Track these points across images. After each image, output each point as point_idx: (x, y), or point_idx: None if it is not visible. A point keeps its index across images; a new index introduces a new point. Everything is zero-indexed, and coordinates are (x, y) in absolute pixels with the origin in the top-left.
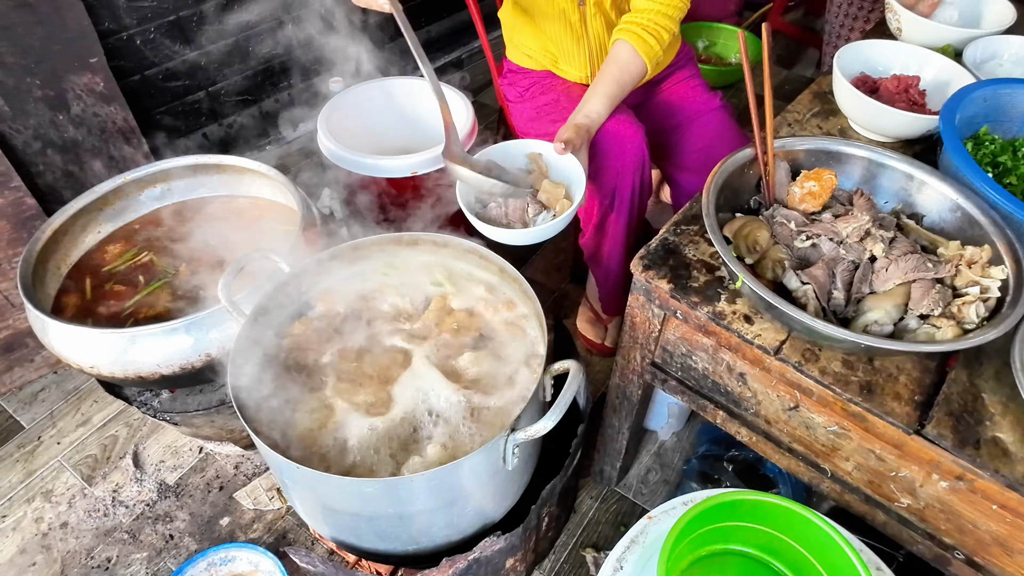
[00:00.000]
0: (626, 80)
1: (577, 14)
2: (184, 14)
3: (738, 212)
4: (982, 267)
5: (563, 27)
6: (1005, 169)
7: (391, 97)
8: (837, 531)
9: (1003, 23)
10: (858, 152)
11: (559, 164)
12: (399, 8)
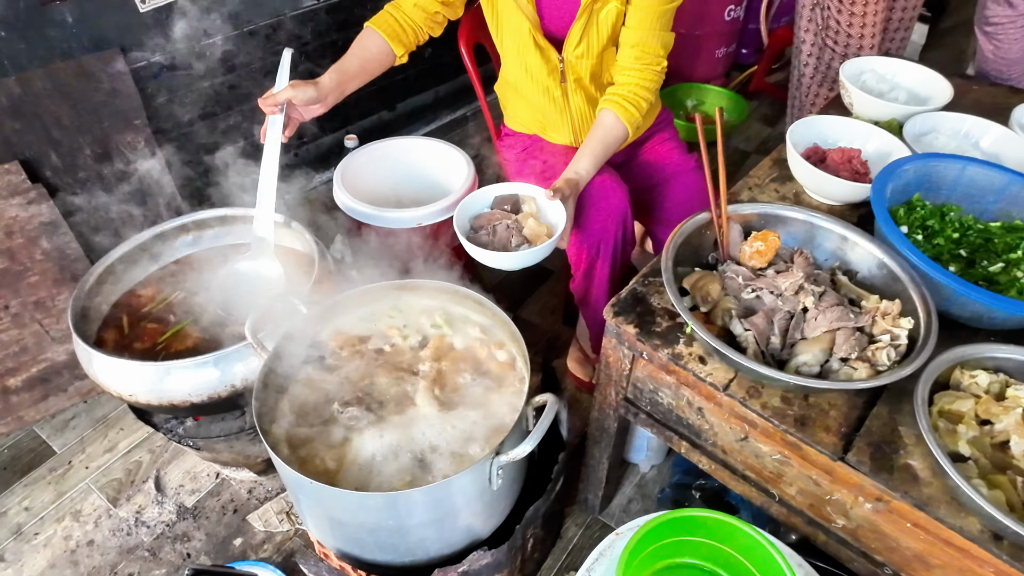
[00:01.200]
0: (610, 142)
1: (559, 90)
2: (216, 80)
3: (698, 267)
4: (893, 318)
5: (548, 101)
6: (934, 231)
7: (401, 154)
8: (769, 540)
9: (942, 100)
10: (799, 216)
11: (547, 208)
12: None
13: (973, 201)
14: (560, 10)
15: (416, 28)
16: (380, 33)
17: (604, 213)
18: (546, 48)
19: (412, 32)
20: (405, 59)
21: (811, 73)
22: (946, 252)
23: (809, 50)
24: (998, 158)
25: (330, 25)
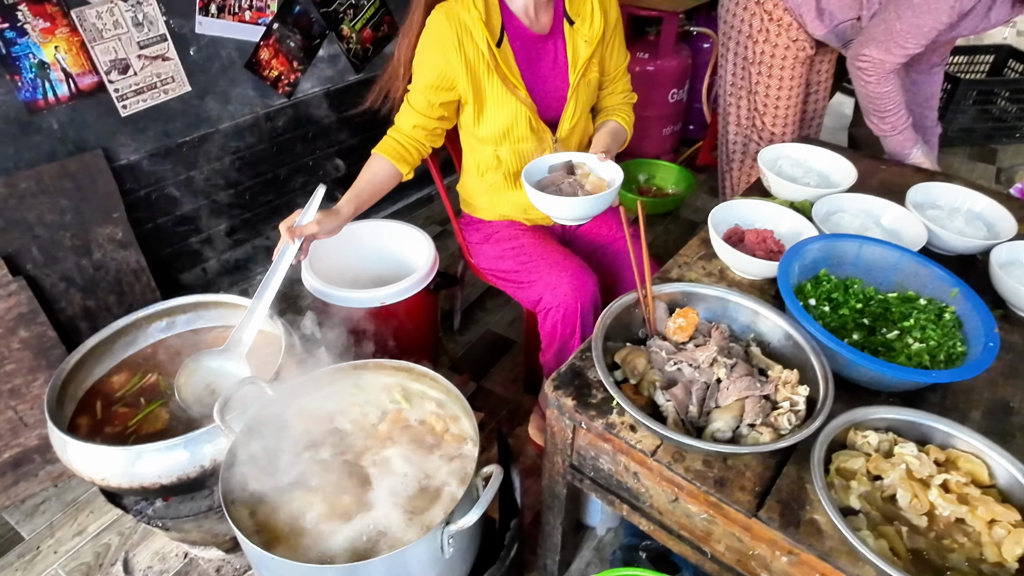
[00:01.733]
0: (619, 139)
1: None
2: (193, 173)
3: (629, 342)
4: (792, 386)
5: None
6: (839, 302)
7: (367, 236)
8: None
9: (848, 182)
10: (715, 293)
11: (601, 168)
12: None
13: (873, 274)
14: (550, 96)
15: (419, 145)
16: (387, 158)
17: (578, 301)
18: (542, 131)
19: (416, 151)
20: (411, 176)
21: (739, 157)
22: (851, 321)
23: (734, 138)
24: (897, 234)
25: (299, 119)
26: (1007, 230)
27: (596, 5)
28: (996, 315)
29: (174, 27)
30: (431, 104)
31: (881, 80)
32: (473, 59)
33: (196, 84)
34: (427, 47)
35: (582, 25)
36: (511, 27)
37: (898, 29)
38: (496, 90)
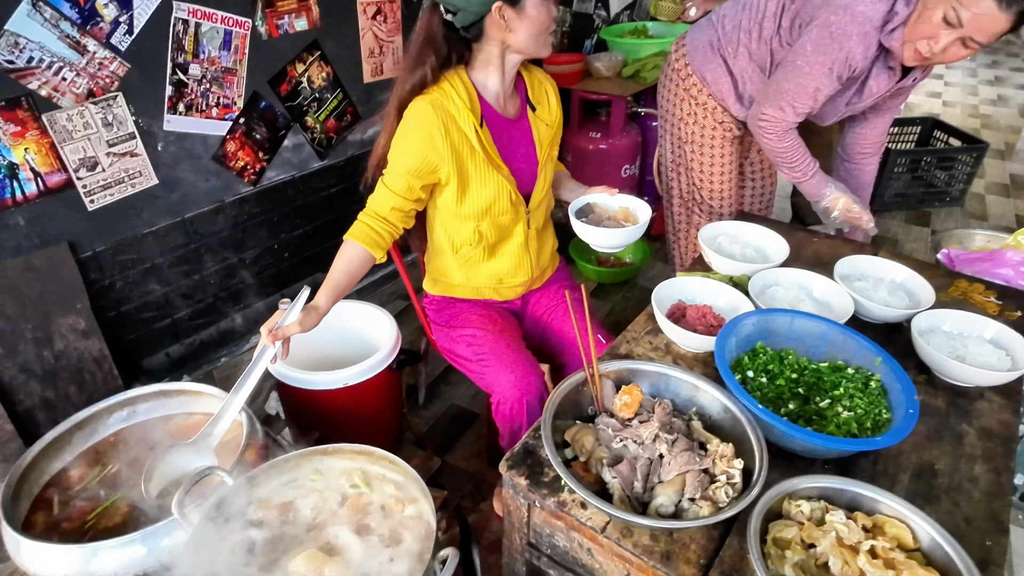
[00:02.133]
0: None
1: (524, 235)
2: (159, 261)
3: (579, 419)
4: (728, 460)
5: (513, 250)
6: (775, 373)
7: (332, 316)
8: None
9: (781, 257)
10: (657, 369)
11: (618, 201)
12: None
13: (805, 345)
14: (524, 172)
15: (392, 228)
16: (360, 244)
17: (526, 394)
18: (519, 203)
19: (388, 234)
20: (384, 259)
21: (684, 228)
22: (787, 391)
23: (678, 211)
24: (828, 305)
25: (264, 205)
26: (927, 299)
27: (551, 94)
28: (921, 379)
29: (143, 125)
30: (411, 187)
31: (781, 136)
32: (458, 144)
33: (163, 177)
34: (412, 134)
35: (543, 111)
36: (488, 113)
37: (787, 89)
38: (480, 170)
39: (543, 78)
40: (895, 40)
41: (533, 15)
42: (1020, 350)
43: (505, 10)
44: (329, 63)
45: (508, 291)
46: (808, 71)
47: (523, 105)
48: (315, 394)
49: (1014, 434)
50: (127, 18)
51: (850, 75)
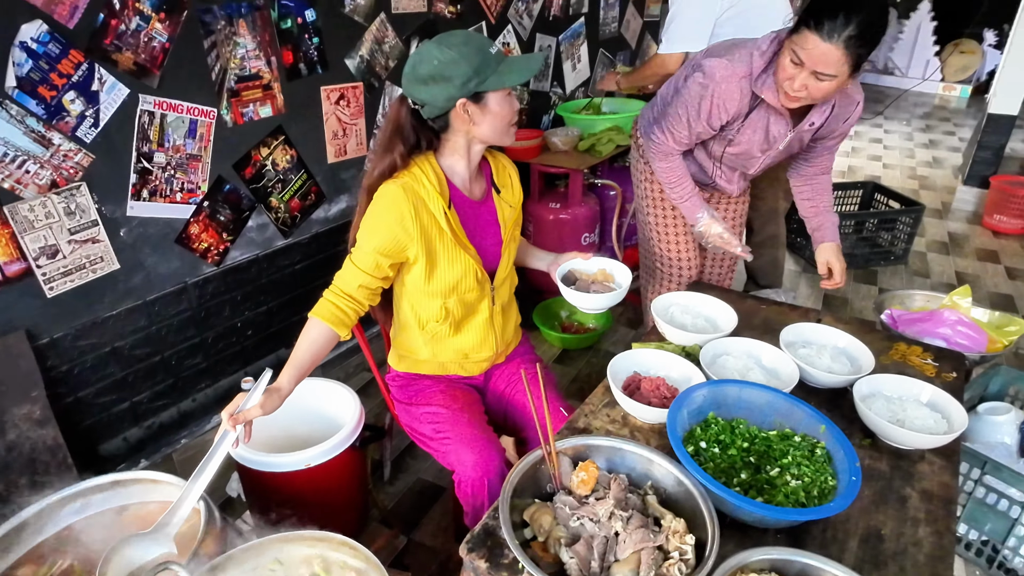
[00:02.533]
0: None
1: (489, 312)
2: (118, 344)
3: (538, 497)
4: (680, 536)
5: (478, 326)
6: (727, 443)
7: (299, 394)
8: None
9: (730, 326)
10: (612, 444)
11: (594, 264)
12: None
13: (754, 414)
14: (489, 251)
15: (358, 306)
16: (325, 322)
17: (486, 473)
18: (484, 280)
19: (354, 311)
20: (349, 336)
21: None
22: (739, 460)
23: (645, 275)
24: (776, 372)
25: (228, 284)
26: (867, 364)
27: (514, 177)
28: (866, 443)
29: (106, 213)
30: (379, 266)
31: (663, 157)
32: (428, 225)
33: (125, 261)
34: (382, 216)
35: (506, 193)
36: (455, 196)
37: (670, 115)
38: (448, 249)
39: (506, 163)
40: (766, 89)
41: (496, 110)
42: (955, 413)
43: (468, 106)
44: (293, 146)
45: (473, 366)
46: (685, 105)
47: (488, 188)
48: (277, 476)
49: (954, 496)
50: (93, 112)
51: (723, 121)
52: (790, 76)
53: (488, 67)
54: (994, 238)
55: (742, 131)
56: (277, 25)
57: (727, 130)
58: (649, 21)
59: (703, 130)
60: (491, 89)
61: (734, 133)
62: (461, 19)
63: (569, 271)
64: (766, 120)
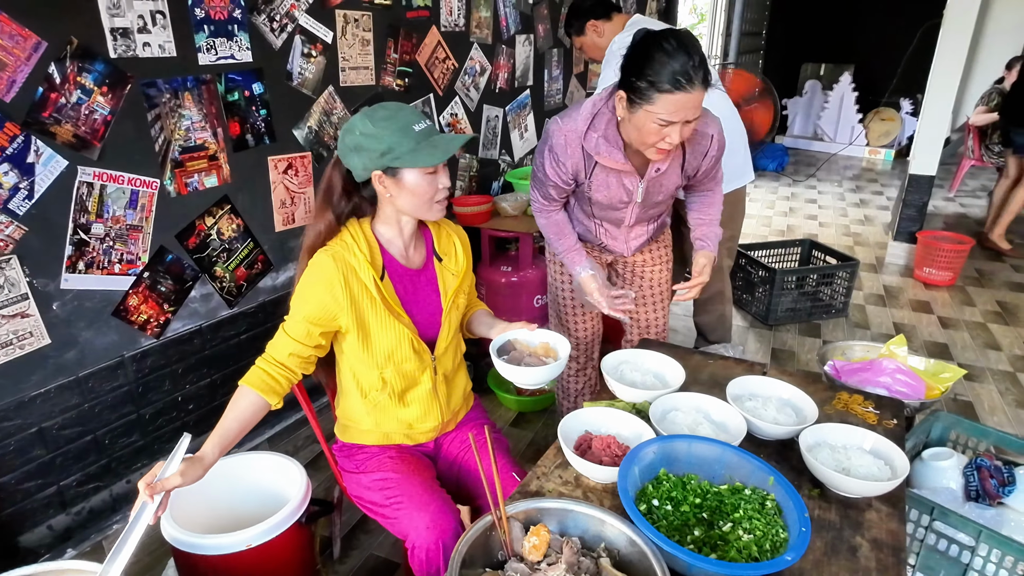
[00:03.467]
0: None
1: (431, 382)
2: (46, 425)
3: (489, 566)
4: None
5: (420, 396)
6: (679, 500)
7: (237, 470)
8: None
9: (678, 382)
10: (559, 506)
11: (537, 336)
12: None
13: (705, 468)
14: (427, 320)
15: (290, 374)
16: (255, 390)
17: (440, 540)
18: (422, 351)
19: (286, 380)
20: (280, 405)
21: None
22: (692, 517)
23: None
24: (725, 426)
25: (168, 357)
26: (811, 414)
27: (459, 245)
28: (814, 494)
29: (37, 286)
30: (310, 334)
31: (540, 213)
32: (358, 294)
33: (57, 336)
34: (313, 285)
35: (449, 261)
36: (390, 265)
37: (537, 177)
38: (380, 318)
39: (451, 230)
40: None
41: (410, 186)
42: (897, 459)
43: (384, 179)
44: (240, 215)
45: (420, 435)
46: (540, 163)
47: (429, 255)
48: (216, 559)
49: (902, 543)
50: (28, 184)
51: (569, 176)
52: (662, 136)
53: (403, 145)
54: (926, 290)
55: (594, 187)
56: (224, 98)
57: (581, 185)
58: (591, 92)
59: (559, 183)
60: (403, 167)
61: (588, 189)
62: (409, 92)
63: (508, 341)
64: (611, 175)
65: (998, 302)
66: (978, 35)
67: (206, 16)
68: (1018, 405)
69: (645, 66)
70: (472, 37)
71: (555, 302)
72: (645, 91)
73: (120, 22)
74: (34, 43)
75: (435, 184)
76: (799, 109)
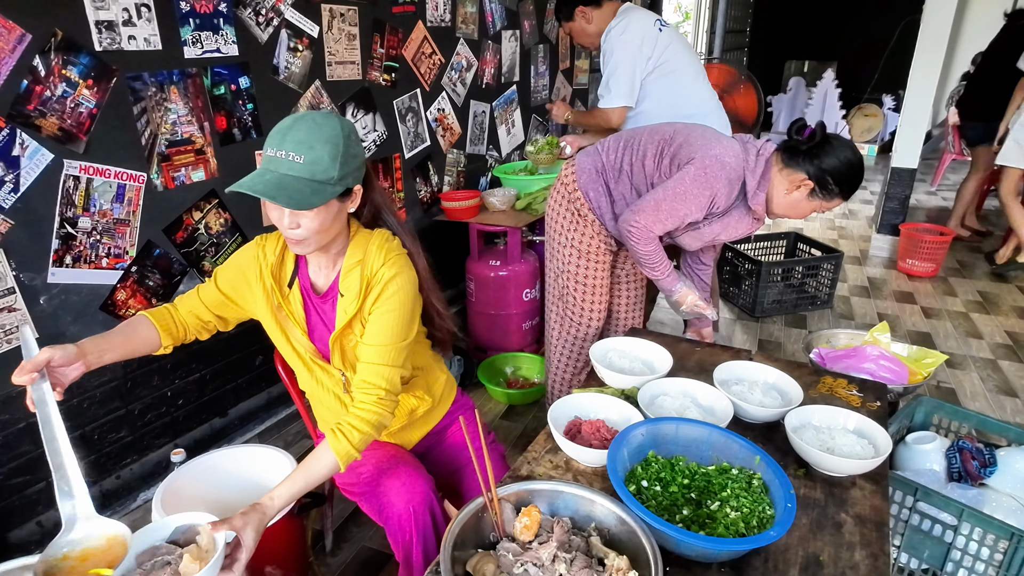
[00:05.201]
0: (315, 470)
1: (348, 397)
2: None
3: (481, 547)
4: (624, 572)
5: (340, 406)
6: (668, 481)
7: (229, 465)
8: None
9: (666, 368)
10: (550, 488)
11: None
12: None
13: (692, 450)
14: (323, 343)
15: (186, 328)
16: (152, 322)
17: (410, 504)
18: (327, 367)
19: (183, 330)
20: (169, 350)
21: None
22: (680, 497)
23: (553, 324)
24: (712, 410)
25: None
26: (796, 397)
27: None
28: (800, 474)
29: (24, 280)
30: (218, 303)
31: (647, 242)
32: (269, 290)
33: (44, 330)
34: (234, 264)
35: (348, 298)
36: (302, 276)
37: (663, 208)
38: (284, 323)
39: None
40: (756, 203)
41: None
42: (880, 438)
43: None
44: (227, 210)
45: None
46: (683, 199)
47: (334, 287)
48: None
49: (885, 518)
50: (13, 177)
51: (712, 211)
52: (805, 212)
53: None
54: (909, 281)
55: (712, 223)
56: (210, 92)
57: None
58: (578, 88)
59: (696, 219)
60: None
61: (704, 224)
62: (395, 87)
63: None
64: (739, 218)
65: (979, 292)
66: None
67: (191, 9)
68: (999, 391)
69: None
70: (458, 32)
71: (562, 295)
72: (833, 194)
73: (105, 15)
74: (18, 35)
75: (276, 216)
76: (783, 106)
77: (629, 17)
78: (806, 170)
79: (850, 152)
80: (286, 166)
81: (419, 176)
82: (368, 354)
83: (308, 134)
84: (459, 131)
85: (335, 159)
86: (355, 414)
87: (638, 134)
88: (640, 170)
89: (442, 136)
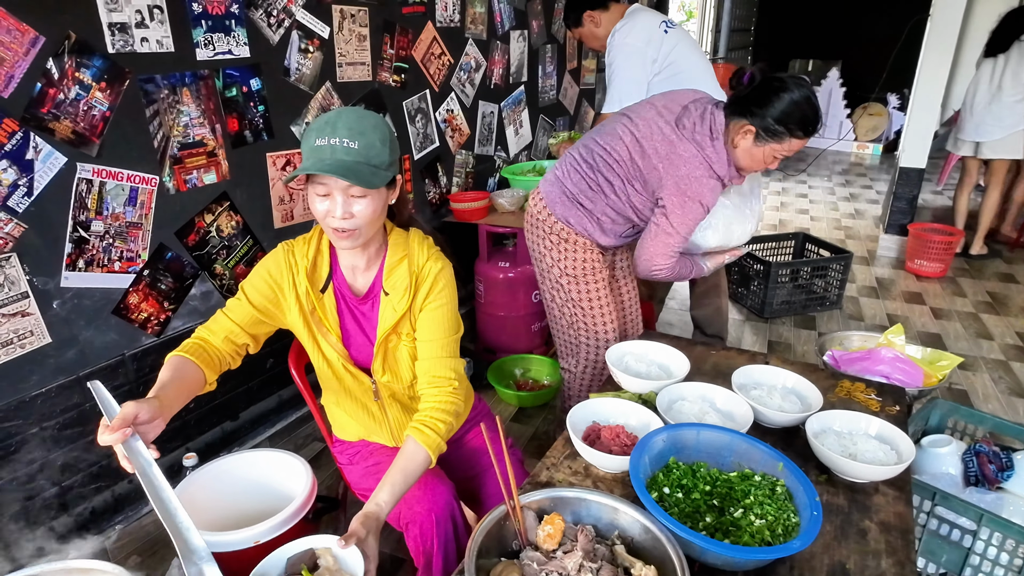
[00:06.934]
0: (411, 470)
1: (376, 405)
2: (46, 424)
3: (504, 556)
4: None
5: (367, 415)
6: (690, 488)
7: (242, 469)
8: None
9: (683, 372)
10: (573, 495)
11: (345, 556)
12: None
13: (714, 456)
14: (361, 348)
15: (222, 358)
16: (193, 360)
17: (432, 512)
18: (357, 374)
19: (218, 361)
20: (215, 386)
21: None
22: (703, 504)
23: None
24: (731, 415)
25: None
26: (816, 402)
27: (411, 284)
28: (822, 479)
29: (38, 284)
30: (251, 320)
31: (671, 268)
32: (303, 295)
33: (57, 335)
34: (263, 274)
35: (394, 296)
36: (337, 279)
37: (671, 243)
38: (316, 330)
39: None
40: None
41: (311, 203)
42: (902, 443)
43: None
44: (239, 212)
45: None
46: (684, 223)
47: (376, 286)
48: (223, 557)
49: (910, 525)
50: (27, 181)
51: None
52: (769, 162)
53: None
54: (917, 281)
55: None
56: (222, 94)
57: None
58: (585, 88)
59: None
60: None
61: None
62: (405, 88)
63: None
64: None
65: (988, 292)
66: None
67: (203, 11)
68: (1011, 393)
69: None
70: (467, 33)
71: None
72: (781, 135)
73: (118, 17)
74: (32, 38)
75: (326, 207)
76: None
77: (634, 20)
78: (747, 116)
79: (793, 90)
80: (341, 151)
81: (428, 177)
82: (429, 349)
83: (358, 122)
84: (468, 132)
85: (385, 144)
86: (434, 406)
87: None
88: (611, 192)
89: (451, 137)
